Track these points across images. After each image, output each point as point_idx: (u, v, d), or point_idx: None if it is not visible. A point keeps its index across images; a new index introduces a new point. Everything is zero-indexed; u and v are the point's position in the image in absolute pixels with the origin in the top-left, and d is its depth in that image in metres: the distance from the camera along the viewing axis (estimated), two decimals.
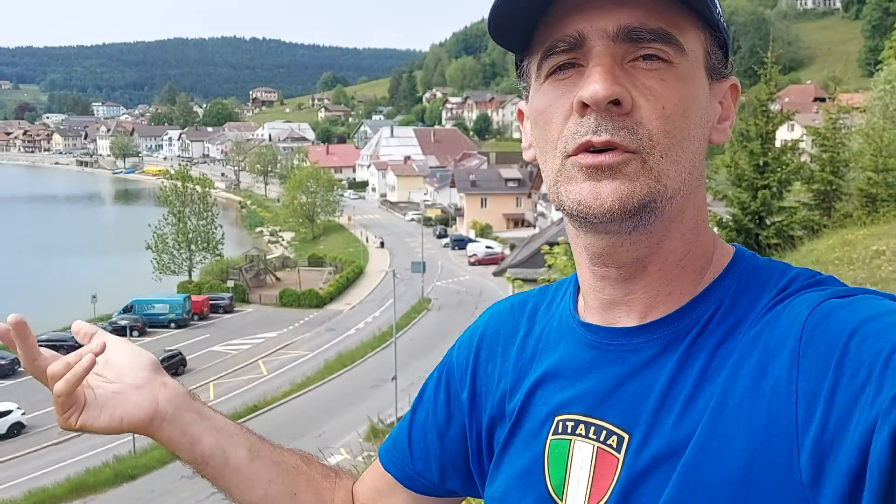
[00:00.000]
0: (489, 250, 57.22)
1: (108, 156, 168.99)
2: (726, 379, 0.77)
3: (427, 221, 70.98)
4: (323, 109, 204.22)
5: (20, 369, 35.33)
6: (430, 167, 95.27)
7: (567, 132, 0.79)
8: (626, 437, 0.82)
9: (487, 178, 72.16)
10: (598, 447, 0.84)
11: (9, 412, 28.53)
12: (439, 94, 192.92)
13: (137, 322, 40.16)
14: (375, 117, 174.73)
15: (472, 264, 55.75)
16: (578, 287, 0.96)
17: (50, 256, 65.85)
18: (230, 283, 49.40)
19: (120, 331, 37.05)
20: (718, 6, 0.83)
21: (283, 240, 66.98)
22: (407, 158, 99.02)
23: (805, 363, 0.71)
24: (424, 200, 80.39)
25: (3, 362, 35.07)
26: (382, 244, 64.43)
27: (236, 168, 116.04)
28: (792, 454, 0.68)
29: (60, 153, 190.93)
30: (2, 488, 23.55)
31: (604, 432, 0.84)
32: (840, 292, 0.77)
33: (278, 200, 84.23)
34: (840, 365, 0.68)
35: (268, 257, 57.64)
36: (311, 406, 28.81)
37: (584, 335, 0.91)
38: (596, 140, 0.76)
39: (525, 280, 23.14)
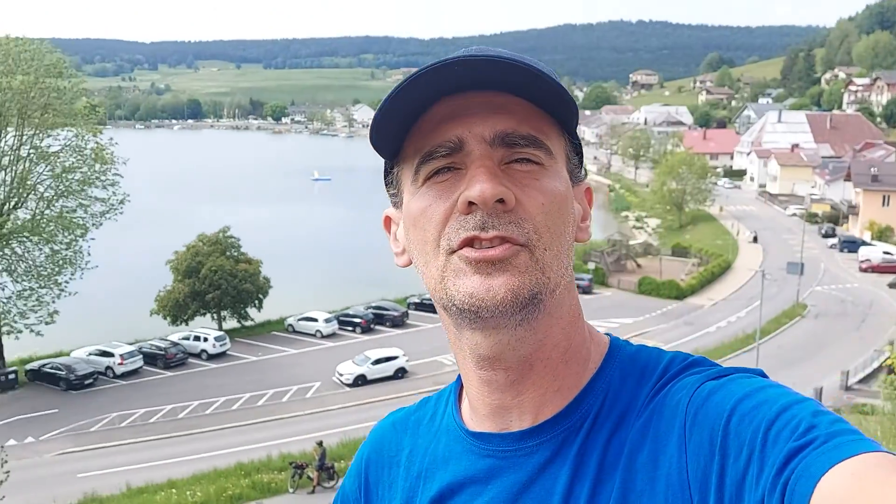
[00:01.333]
0: (888, 256, 49.51)
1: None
2: (623, 473, 0.78)
3: (811, 217, 64.00)
4: (704, 92, 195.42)
5: (409, 321, 40.96)
6: (823, 157, 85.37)
7: (450, 229, 0.81)
8: None
9: (893, 173, 62.10)
10: None
11: (395, 357, 33.16)
12: (842, 75, 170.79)
13: None
14: (762, 100, 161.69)
15: (864, 271, 48.87)
16: (459, 395, 0.97)
17: None
18: (591, 266, 50.51)
19: None
20: (577, 118, 0.89)
21: (647, 226, 66.21)
22: (794, 146, 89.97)
23: (692, 448, 0.74)
24: (811, 194, 72.50)
25: (395, 314, 40.87)
26: (756, 239, 59.82)
27: (609, 151, 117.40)
28: None
29: None
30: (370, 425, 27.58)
31: None
32: (714, 374, 0.81)
33: (647, 186, 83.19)
34: (724, 447, 0.71)
35: (630, 243, 57.54)
36: None
37: (476, 445, 0.89)
38: (484, 236, 0.79)
39: None
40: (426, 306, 42.97)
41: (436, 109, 0.82)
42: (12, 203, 33.34)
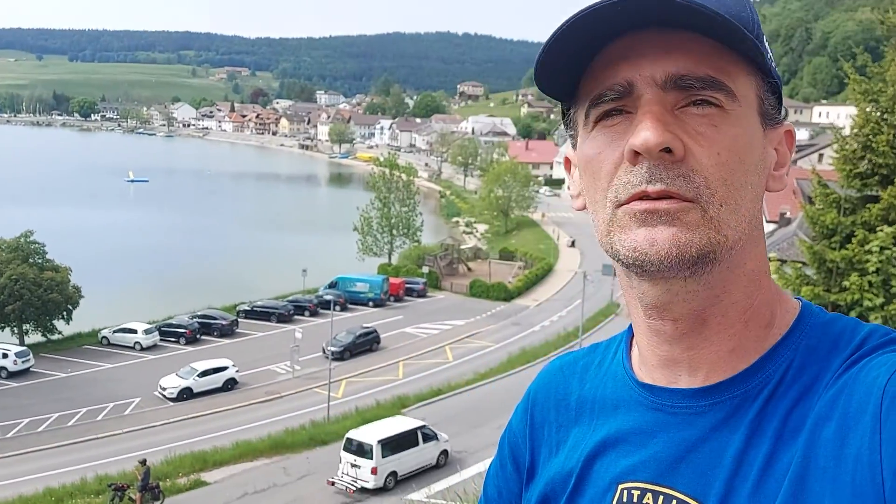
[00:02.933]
0: None
1: (327, 141, 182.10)
2: (805, 445, 0.73)
3: None
4: (526, 105, 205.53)
5: (238, 330, 39.38)
6: None
7: (618, 181, 0.77)
8: None
9: None
10: None
11: (225, 368, 31.76)
12: None
13: (340, 298, 43.00)
14: None
15: None
16: (631, 343, 0.94)
17: (270, 230, 72.46)
18: (425, 269, 51.36)
19: (325, 304, 40.04)
20: (770, 51, 0.81)
21: (477, 231, 68.46)
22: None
23: (888, 430, 0.68)
24: None
25: (223, 323, 39.15)
26: (573, 243, 63.76)
27: (439, 159, 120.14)
28: None
29: (286, 136, 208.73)
30: (215, 436, 26.32)
31: (674, 501, 0.80)
32: None
33: (475, 192, 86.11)
34: None
35: (461, 247, 59.22)
36: (492, 396, 29.27)
37: (645, 397, 0.87)
38: (651, 189, 0.75)
39: None
40: (257, 314, 41.57)
41: (609, 49, 0.77)
42: None
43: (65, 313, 36.77)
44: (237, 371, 31.99)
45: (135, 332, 36.82)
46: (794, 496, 0.72)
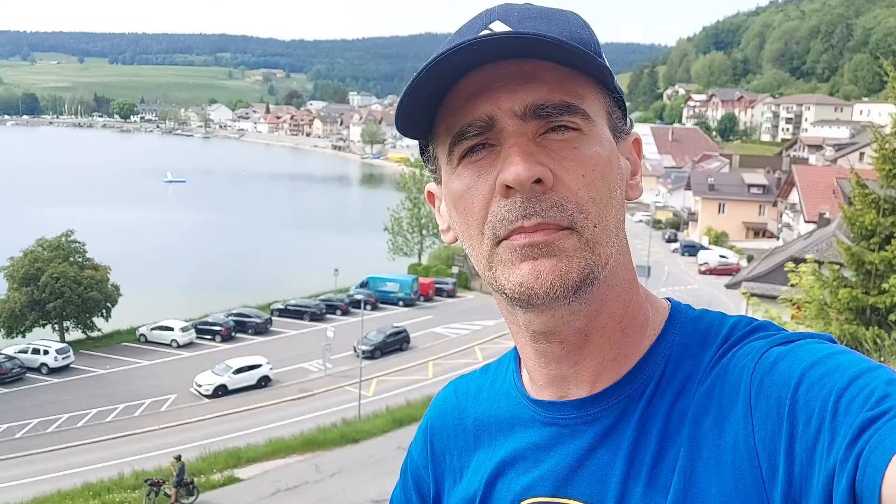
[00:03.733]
0: (723, 259, 53.82)
1: (359, 142, 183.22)
2: (689, 439, 0.77)
3: (656, 224, 68.43)
4: None
5: (272, 328, 39.83)
6: (665, 167, 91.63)
7: (493, 217, 0.78)
8: None
9: (728, 182, 67.76)
10: None
11: (259, 366, 32.11)
12: (682, 91, 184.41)
13: (370, 297, 43.20)
14: None
15: (703, 273, 52.82)
16: (520, 361, 0.95)
17: (303, 229, 73.14)
18: (455, 270, 51.37)
19: (356, 304, 40.29)
20: (610, 69, 0.83)
21: None
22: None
23: (758, 416, 0.72)
24: (655, 202, 77.49)
25: (258, 321, 39.61)
26: None
27: None
28: None
29: (319, 137, 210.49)
30: (248, 433, 26.65)
31: None
32: (780, 339, 0.79)
33: None
34: (792, 415, 0.69)
35: None
36: None
37: (538, 413, 0.88)
38: (528, 224, 0.76)
39: (762, 296, 21.42)
40: (290, 312, 41.99)
41: (463, 83, 0.78)
42: None
43: (104, 311, 37.48)
44: (271, 368, 32.33)
45: (172, 329, 37.43)
46: (683, 489, 0.75)
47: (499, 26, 0.79)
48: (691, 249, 59.23)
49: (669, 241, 65.07)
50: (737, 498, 0.71)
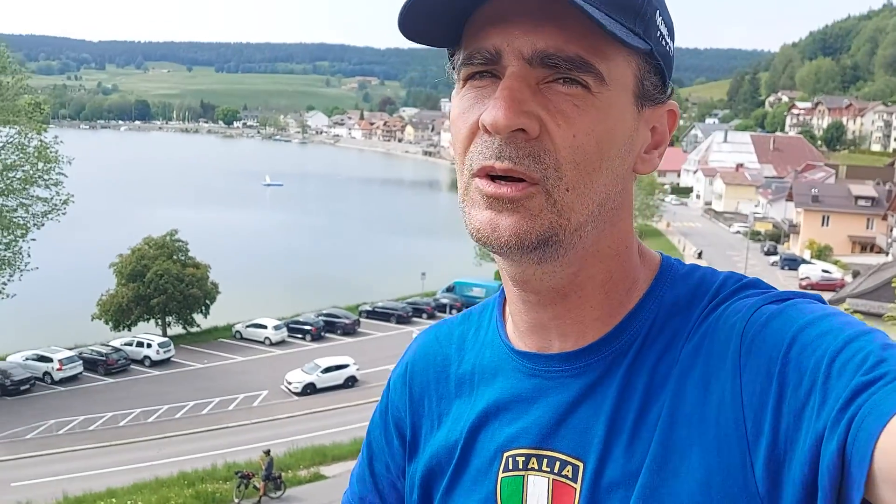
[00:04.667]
0: (826, 275, 51.22)
1: (448, 147, 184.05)
2: (672, 395, 0.76)
3: (755, 235, 65.84)
4: None
5: (360, 329, 40.63)
6: (766, 177, 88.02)
7: (473, 149, 0.77)
8: (581, 465, 0.80)
9: (833, 194, 64.42)
10: (552, 479, 0.82)
11: (346, 366, 32.81)
12: (785, 99, 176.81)
13: (457, 302, 43.42)
14: (709, 121, 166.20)
15: (804, 288, 50.38)
16: (504, 311, 0.94)
17: (392, 233, 74.31)
18: None
19: (441, 308, 40.59)
20: (660, 29, 0.79)
21: None
22: (739, 166, 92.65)
23: (747, 375, 0.71)
24: (754, 212, 74.59)
25: (346, 322, 40.51)
26: (700, 255, 61.22)
27: None
28: (746, 468, 0.69)
29: (410, 143, 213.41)
30: (335, 431, 27.25)
31: (557, 463, 0.82)
32: (772, 297, 0.77)
33: None
34: (783, 375, 0.68)
35: None
36: None
37: (522, 364, 0.88)
38: (498, 166, 0.74)
39: (867, 314, 20.27)
40: (378, 314, 42.74)
41: (489, 5, 0.74)
42: None
43: (203, 308, 39.22)
44: (357, 369, 32.98)
45: (265, 327, 38.78)
46: (663, 445, 0.74)
47: None
48: (792, 263, 56.62)
49: (768, 253, 62.44)
50: (718, 455, 0.71)
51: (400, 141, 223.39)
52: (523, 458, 0.85)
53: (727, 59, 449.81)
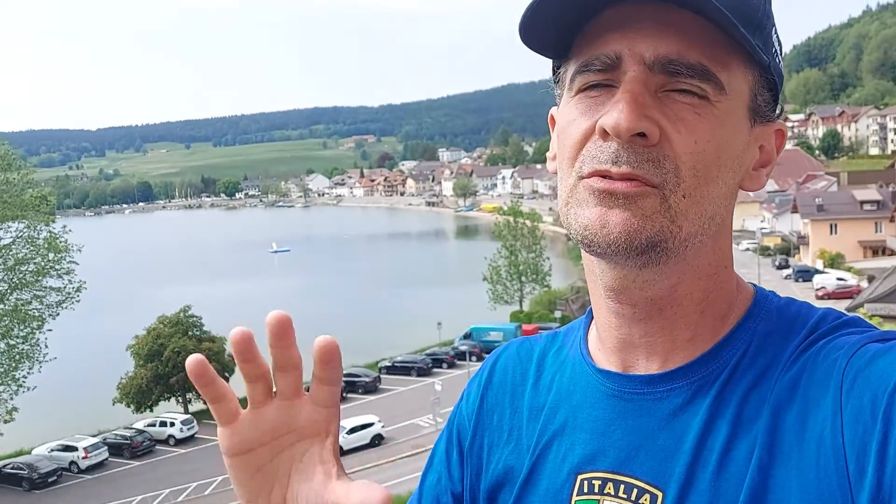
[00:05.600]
0: (841, 282, 50.92)
1: (451, 196, 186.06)
2: (766, 430, 0.73)
3: (764, 251, 65.72)
4: None
5: (381, 386, 40.43)
6: (768, 192, 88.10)
7: (586, 153, 0.75)
8: (660, 494, 0.77)
9: (838, 202, 64.41)
10: None
11: (371, 424, 32.56)
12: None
13: (475, 348, 43.27)
14: None
15: (821, 298, 49.99)
16: (588, 329, 0.93)
17: (403, 286, 74.44)
18: (557, 314, 50.81)
19: (461, 356, 40.42)
20: (775, 46, 0.78)
21: None
22: None
23: (849, 413, 0.67)
24: (761, 228, 74.51)
25: (367, 380, 40.34)
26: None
27: None
28: None
29: (412, 195, 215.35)
30: None
31: (635, 490, 0.79)
32: (875, 336, 0.74)
33: None
34: (888, 416, 0.64)
35: None
36: None
37: (602, 383, 0.85)
38: (615, 171, 0.73)
39: (887, 317, 20.15)
40: (398, 369, 42.57)
41: (606, 14, 0.74)
42: None
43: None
44: (383, 426, 32.73)
45: None
46: (761, 482, 0.71)
47: None
48: (805, 274, 56.34)
49: (780, 267, 62.19)
50: (819, 496, 0.67)
51: (402, 194, 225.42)
52: (599, 483, 0.81)
53: None
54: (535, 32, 0.77)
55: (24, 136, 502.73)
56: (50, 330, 33.74)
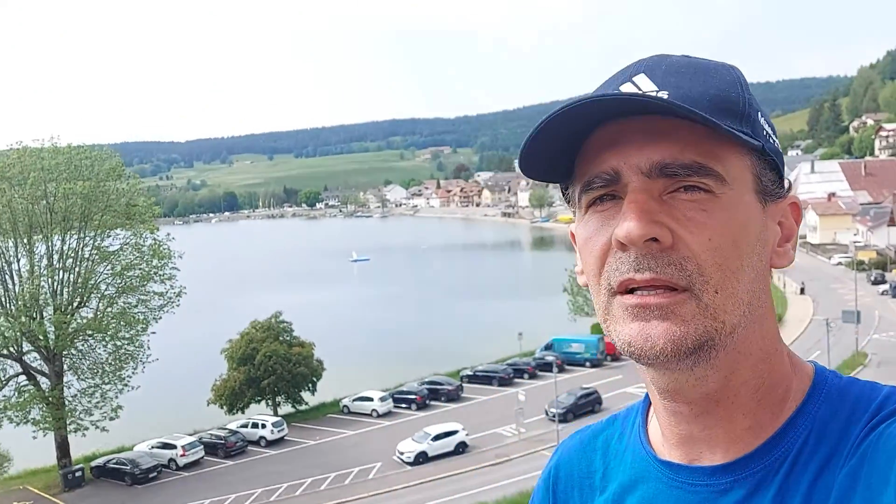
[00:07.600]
0: None
1: (527, 207, 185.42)
2: None
3: (859, 265, 63.02)
4: None
5: (463, 395, 40.84)
6: (861, 204, 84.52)
7: (609, 267, 0.77)
8: None
9: None
10: None
11: (455, 432, 32.98)
12: (870, 122, 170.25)
13: (556, 359, 43.18)
14: (792, 152, 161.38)
15: None
16: (647, 415, 0.94)
17: (483, 297, 74.79)
18: None
19: (542, 366, 40.41)
20: (765, 128, 0.81)
21: None
22: (831, 195, 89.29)
23: None
24: (855, 241, 71.53)
25: (449, 388, 40.83)
26: (802, 290, 58.97)
27: None
28: None
29: (488, 206, 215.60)
30: (452, 499, 27.34)
31: None
32: None
33: None
34: None
35: None
36: None
37: (665, 474, 0.86)
38: (639, 277, 0.74)
39: None
40: (479, 378, 42.90)
41: (597, 133, 0.78)
42: (76, 303, 34.60)
43: (310, 385, 40.38)
44: (467, 434, 33.09)
45: (371, 399, 39.50)
46: None
47: (643, 80, 0.78)
48: None
49: (876, 283, 59.55)
50: None
51: (478, 205, 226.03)
52: None
53: (801, 88, 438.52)
54: (537, 160, 0.82)
55: (119, 147, 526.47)
56: (154, 332, 35.65)
